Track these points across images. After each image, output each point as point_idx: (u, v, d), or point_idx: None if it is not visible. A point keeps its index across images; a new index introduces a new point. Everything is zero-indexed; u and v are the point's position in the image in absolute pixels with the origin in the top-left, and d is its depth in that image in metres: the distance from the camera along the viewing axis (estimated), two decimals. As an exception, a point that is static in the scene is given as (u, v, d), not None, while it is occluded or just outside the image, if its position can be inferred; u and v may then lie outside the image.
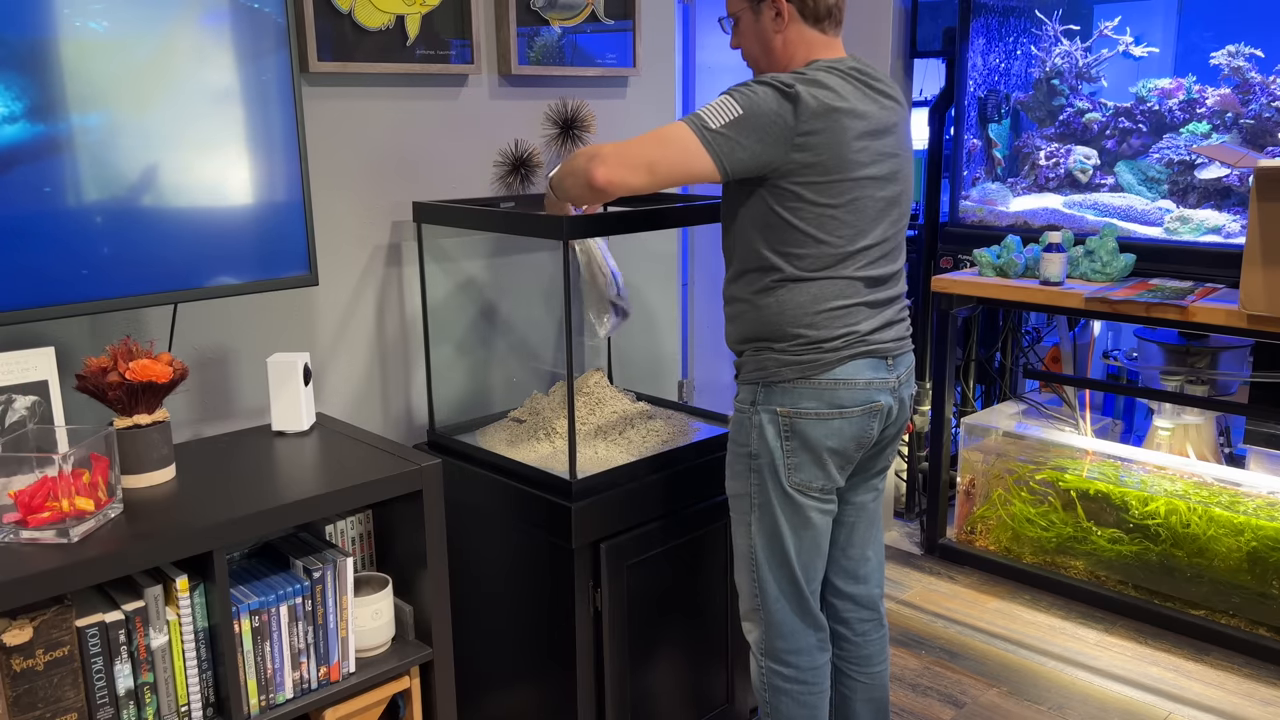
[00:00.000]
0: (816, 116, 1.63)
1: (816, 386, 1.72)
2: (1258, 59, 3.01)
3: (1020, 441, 3.29)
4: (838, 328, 1.72)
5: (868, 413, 1.76)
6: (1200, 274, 2.89)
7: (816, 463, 1.76)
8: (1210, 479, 2.93)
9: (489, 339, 2.39)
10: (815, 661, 1.88)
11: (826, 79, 1.67)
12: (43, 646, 1.35)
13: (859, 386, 1.73)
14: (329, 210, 2.08)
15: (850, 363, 1.73)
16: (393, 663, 1.73)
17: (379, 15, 2.06)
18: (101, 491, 1.45)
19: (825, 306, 1.71)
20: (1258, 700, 2.55)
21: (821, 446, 1.75)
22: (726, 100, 1.64)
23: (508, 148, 2.34)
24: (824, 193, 1.67)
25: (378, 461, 1.73)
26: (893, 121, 1.75)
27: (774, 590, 1.83)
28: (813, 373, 1.72)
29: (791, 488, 1.77)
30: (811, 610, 1.86)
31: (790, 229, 1.69)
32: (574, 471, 1.92)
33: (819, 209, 1.68)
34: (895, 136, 1.75)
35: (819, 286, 1.71)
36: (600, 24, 2.44)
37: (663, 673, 2.12)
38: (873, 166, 1.70)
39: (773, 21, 1.75)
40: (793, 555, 1.80)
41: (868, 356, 1.74)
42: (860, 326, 1.73)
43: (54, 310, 1.55)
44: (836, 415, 1.74)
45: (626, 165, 1.65)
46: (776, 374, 1.74)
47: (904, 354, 1.83)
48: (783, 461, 1.76)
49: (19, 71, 1.47)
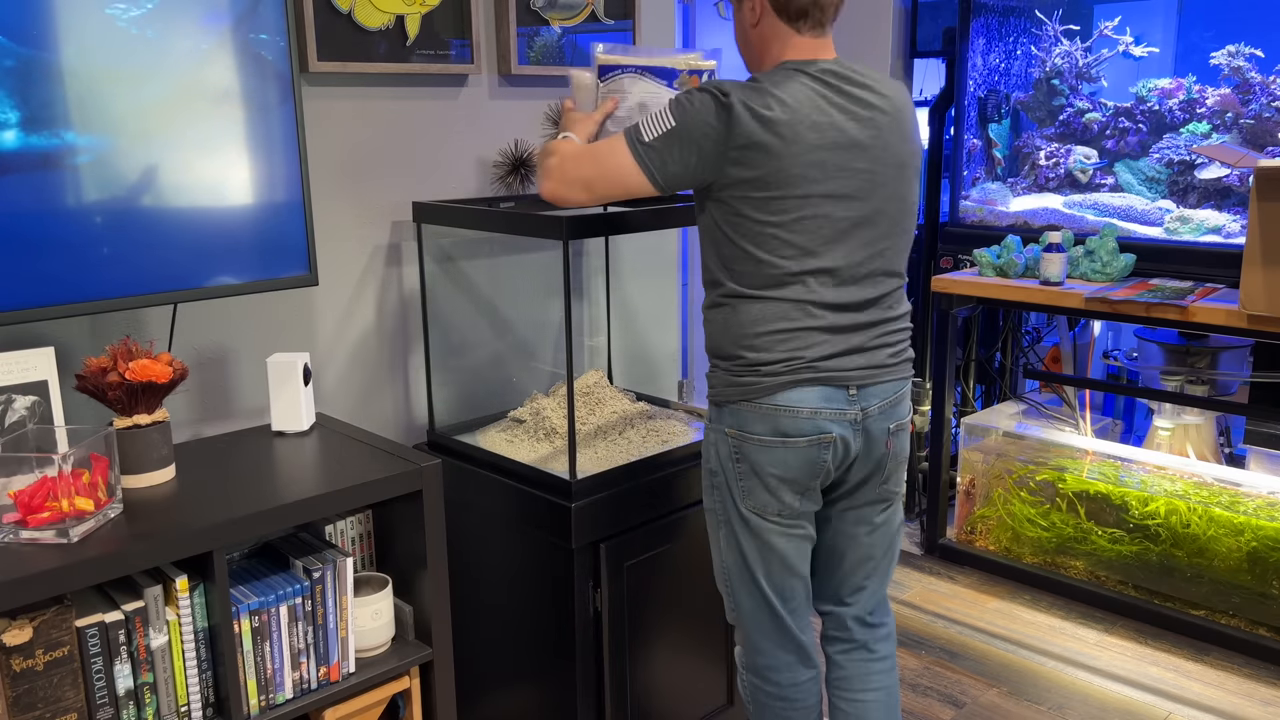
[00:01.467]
0: (754, 130, 1.53)
1: (758, 411, 1.63)
2: (1258, 59, 3.01)
3: (1020, 441, 3.29)
4: (779, 351, 1.61)
5: (815, 444, 1.63)
6: (1200, 274, 2.89)
7: (766, 489, 1.67)
8: (1210, 479, 2.93)
9: (489, 339, 2.39)
10: (797, 678, 1.81)
11: (781, 87, 1.57)
12: (42, 646, 1.35)
13: (803, 415, 1.62)
14: (329, 210, 2.08)
15: (794, 389, 1.61)
16: (392, 663, 1.73)
17: (379, 15, 2.06)
18: (101, 491, 1.45)
19: (766, 328, 1.61)
20: (1258, 700, 2.55)
21: (767, 473, 1.65)
22: (664, 111, 1.59)
23: (508, 148, 2.34)
24: (763, 209, 1.57)
25: (377, 461, 1.73)
26: (868, 135, 1.60)
27: (748, 606, 1.77)
28: (753, 395, 1.63)
29: (748, 510, 1.70)
30: (788, 628, 1.77)
31: (730, 244, 1.62)
32: (574, 471, 1.92)
33: (759, 226, 1.58)
34: (871, 150, 1.61)
35: (760, 306, 1.61)
36: (600, 24, 2.44)
37: (663, 673, 2.12)
38: (830, 183, 1.57)
39: (749, 14, 1.67)
40: (760, 577, 1.73)
41: (816, 384, 1.62)
42: (808, 352, 1.61)
43: (54, 310, 1.55)
44: (780, 443, 1.63)
45: (565, 183, 1.66)
46: (723, 393, 1.68)
47: (877, 384, 1.67)
48: (735, 484, 1.69)
49: (18, 76, 1.46)
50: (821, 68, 1.61)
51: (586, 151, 1.67)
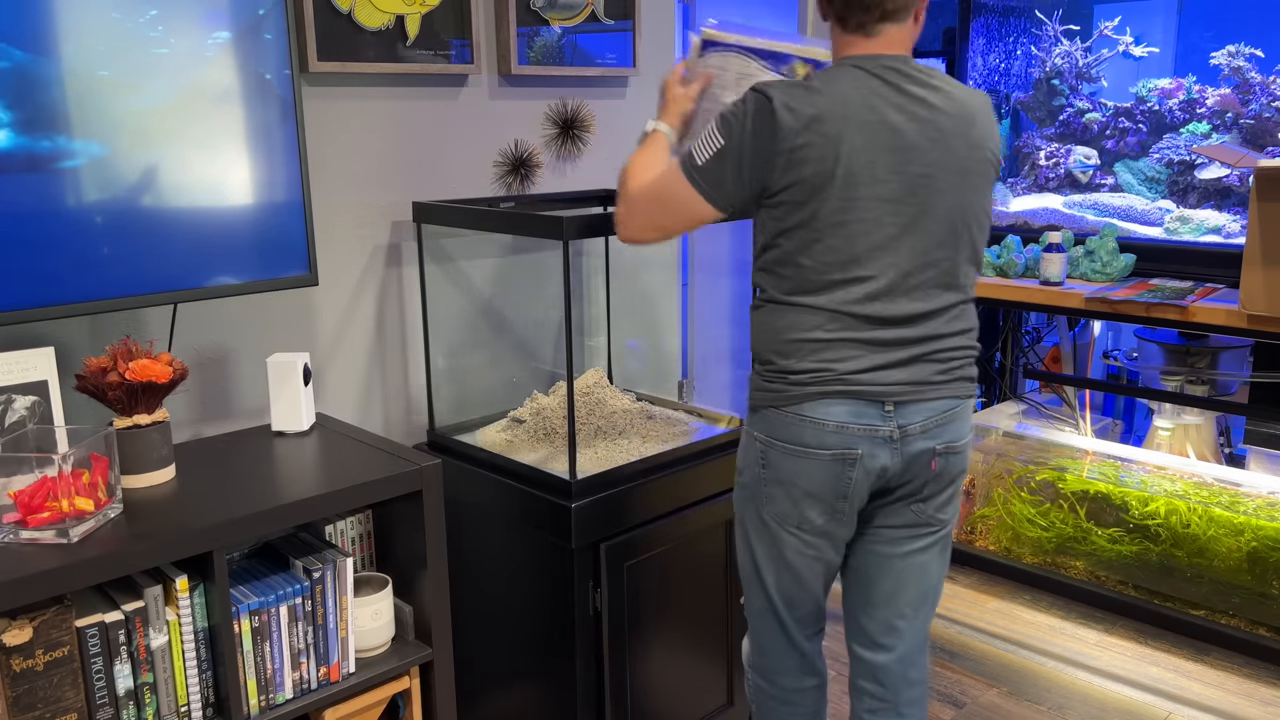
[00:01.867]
0: (795, 129, 1.46)
1: (785, 419, 1.57)
2: (1258, 59, 3.01)
3: (1020, 441, 3.29)
4: (809, 361, 1.54)
5: (840, 460, 1.55)
6: (1200, 274, 2.89)
7: (790, 498, 1.60)
8: (1210, 479, 2.93)
9: (489, 339, 2.39)
10: (801, 684, 1.77)
11: (830, 84, 1.50)
12: (42, 647, 1.35)
13: (828, 429, 1.54)
14: (329, 210, 2.08)
15: (821, 401, 1.54)
16: (392, 663, 1.73)
17: (379, 15, 2.06)
18: (101, 491, 1.45)
19: (799, 336, 1.55)
20: (1258, 700, 2.55)
21: (790, 483, 1.59)
22: (713, 129, 1.54)
23: (508, 148, 2.34)
24: (805, 210, 1.50)
25: (377, 461, 1.73)
26: (926, 137, 1.50)
27: (755, 607, 1.74)
28: (781, 403, 1.57)
29: (768, 516, 1.64)
30: (792, 636, 1.73)
31: (774, 246, 1.56)
32: (574, 471, 1.92)
33: (801, 230, 1.51)
34: (929, 153, 1.51)
35: (796, 314, 1.55)
36: (600, 24, 2.44)
37: (663, 673, 2.12)
38: (880, 186, 1.49)
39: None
40: (770, 585, 1.69)
41: (846, 398, 1.53)
42: (840, 365, 1.53)
43: (54, 310, 1.55)
44: (803, 453, 1.56)
45: (639, 229, 1.64)
46: (755, 397, 1.63)
47: (920, 401, 1.56)
48: (760, 489, 1.64)
49: (17, 76, 1.46)
50: (883, 64, 1.52)
51: (649, 191, 1.61)
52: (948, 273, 1.56)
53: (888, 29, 1.54)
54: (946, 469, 1.62)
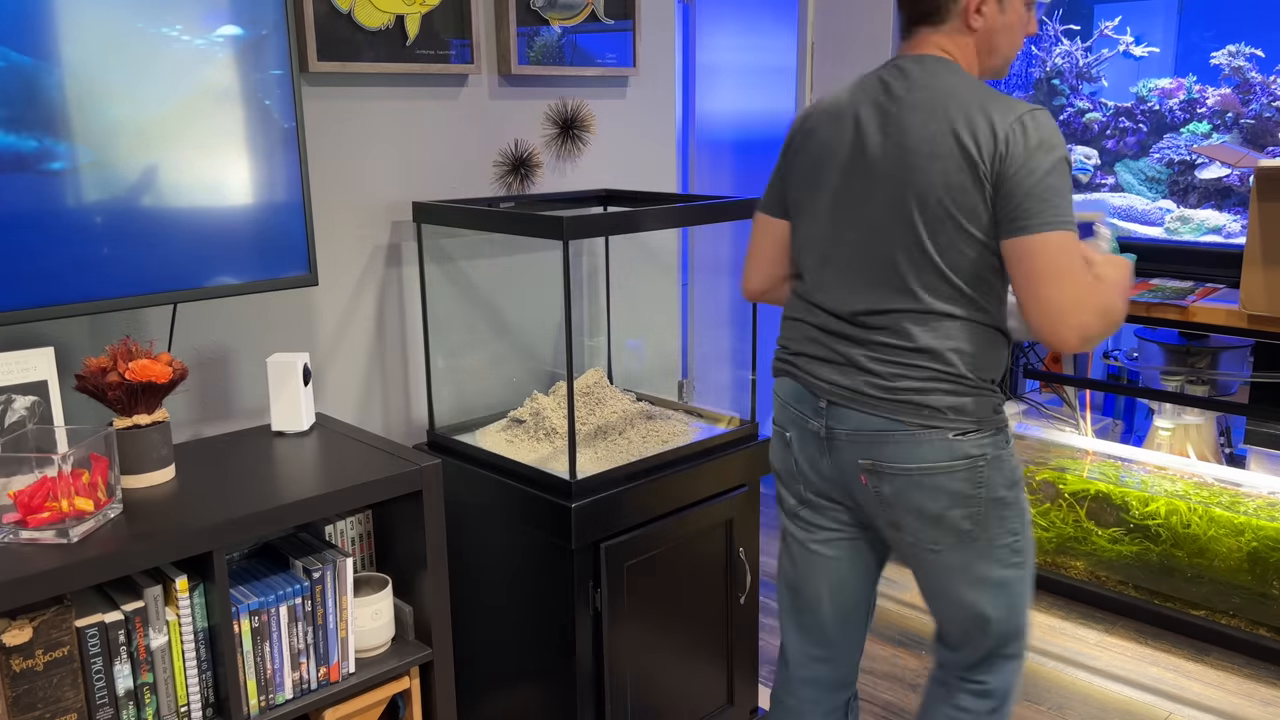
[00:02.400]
0: (792, 136, 1.65)
1: None
2: (1258, 59, 3.01)
3: (1020, 441, 3.29)
4: (783, 337, 1.69)
5: (780, 438, 1.67)
6: (1200, 274, 2.89)
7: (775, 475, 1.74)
8: (1210, 479, 2.93)
9: (489, 339, 2.39)
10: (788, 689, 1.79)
11: (845, 86, 1.61)
12: (42, 647, 1.35)
13: (779, 404, 1.67)
14: (329, 210, 2.08)
15: (780, 377, 1.67)
16: (392, 663, 1.73)
17: (379, 15, 2.06)
18: (101, 492, 1.45)
19: (785, 314, 1.70)
20: (1258, 700, 2.55)
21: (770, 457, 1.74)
22: None
23: (508, 148, 2.34)
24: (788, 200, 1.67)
25: (377, 461, 1.73)
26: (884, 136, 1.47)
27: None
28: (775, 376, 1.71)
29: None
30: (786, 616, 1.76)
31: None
32: (574, 471, 1.92)
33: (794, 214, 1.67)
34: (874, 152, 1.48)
35: (791, 296, 1.70)
36: (600, 24, 2.44)
37: (663, 673, 2.12)
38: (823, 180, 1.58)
39: None
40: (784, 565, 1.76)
41: (789, 377, 1.64)
42: (790, 344, 1.65)
43: (54, 310, 1.55)
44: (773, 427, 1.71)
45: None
46: None
47: (851, 410, 1.50)
48: None
49: (13, 77, 1.46)
50: (893, 62, 1.54)
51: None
52: (902, 278, 1.47)
53: (922, 31, 1.53)
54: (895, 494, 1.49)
